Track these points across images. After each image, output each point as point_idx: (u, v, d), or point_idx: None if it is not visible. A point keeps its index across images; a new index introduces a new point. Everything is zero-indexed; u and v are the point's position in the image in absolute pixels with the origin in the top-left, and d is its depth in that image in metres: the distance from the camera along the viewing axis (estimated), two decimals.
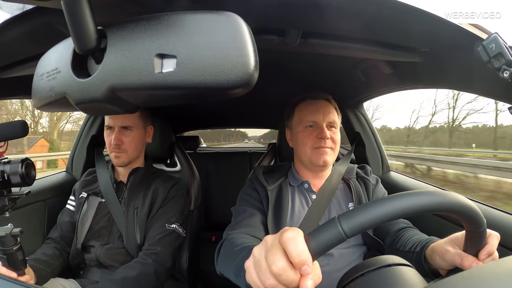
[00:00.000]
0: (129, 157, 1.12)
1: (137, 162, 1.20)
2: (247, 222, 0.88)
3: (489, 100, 21.24)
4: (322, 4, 0.56)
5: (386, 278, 0.43)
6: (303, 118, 0.99)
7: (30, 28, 0.59)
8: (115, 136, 1.08)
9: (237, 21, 0.31)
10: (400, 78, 1.08)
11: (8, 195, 0.74)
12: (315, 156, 0.95)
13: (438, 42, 0.72)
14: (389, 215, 0.38)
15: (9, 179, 0.72)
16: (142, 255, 1.04)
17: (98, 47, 0.35)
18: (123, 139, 1.09)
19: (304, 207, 0.96)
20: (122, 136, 1.09)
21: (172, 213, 1.14)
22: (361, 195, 0.97)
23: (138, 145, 1.15)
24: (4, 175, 0.71)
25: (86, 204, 1.15)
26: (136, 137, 1.13)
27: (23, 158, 0.74)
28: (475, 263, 0.51)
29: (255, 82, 0.32)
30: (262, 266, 0.40)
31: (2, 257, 0.74)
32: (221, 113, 2.26)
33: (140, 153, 1.20)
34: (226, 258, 0.73)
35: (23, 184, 0.73)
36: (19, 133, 0.74)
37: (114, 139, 1.07)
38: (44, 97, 0.40)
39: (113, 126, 1.10)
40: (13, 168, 0.72)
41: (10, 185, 0.73)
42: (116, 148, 1.09)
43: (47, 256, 1.04)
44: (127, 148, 1.10)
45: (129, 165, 1.17)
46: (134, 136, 1.12)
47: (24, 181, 0.73)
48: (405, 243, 0.79)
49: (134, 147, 1.13)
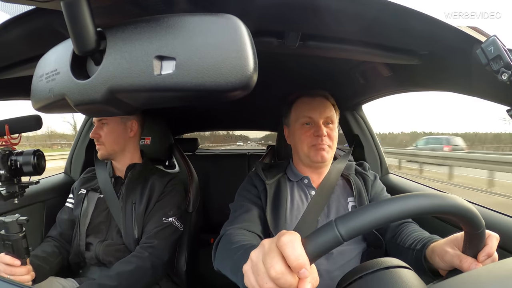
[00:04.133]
0: (108, 149, 1.15)
1: (130, 157, 1.21)
2: (244, 217, 0.88)
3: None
4: (321, 6, 0.56)
5: (385, 281, 0.43)
6: (300, 115, 0.99)
7: (29, 29, 0.59)
8: (93, 129, 1.14)
9: (236, 23, 0.32)
10: (399, 80, 1.08)
11: (18, 183, 0.80)
12: (313, 152, 0.95)
13: (436, 44, 0.72)
14: (386, 218, 0.38)
15: (21, 168, 0.78)
16: (139, 249, 1.04)
17: (98, 49, 0.35)
18: (100, 132, 1.14)
19: (304, 202, 0.97)
20: (100, 129, 1.14)
21: (169, 207, 1.14)
22: (361, 190, 0.97)
23: (118, 139, 1.16)
24: (17, 164, 0.78)
25: (86, 200, 1.16)
26: (113, 130, 1.15)
27: (34, 150, 0.80)
28: (474, 264, 0.51)
29: (254, 84, 0.32)
30: (260, 270, 0.40)
31: (7, 243, 0.78)
32: (219, 115, 2.26)
33: (124, 148, 1.19)
34: (224, 255, 0.74)
35: (34, 173, 0.80)
36: (34, 127, 0.81)
37: (92, 132, 1.14)
38: (43, 99, 0.40)
39: (94, 121, 1.17)
40: (26, 158, 0.78)
41: (22, 174, 0.80)
42: (96, 141, 1.15)
43: (46, 253, 1.04)
44: (104, 141, 1.14)
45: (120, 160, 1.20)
46: (110, 130, 1.15)
47: (36, 170, 0.79)
48: (405, 239, 0.79)
49: (112, 141, 1.15)
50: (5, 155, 0.77)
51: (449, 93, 0.90)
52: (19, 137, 0.83)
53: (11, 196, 0.78)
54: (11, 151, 0.79)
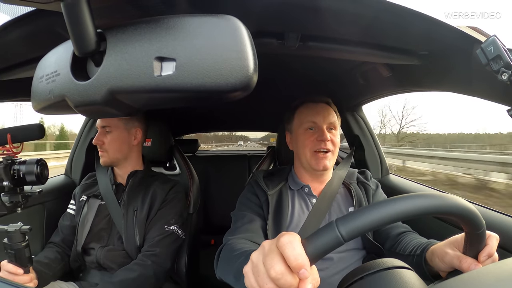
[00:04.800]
0: (110, 157, 1.13)
1: (132, 165, 1.20)
2: (246, 227, 0.88)
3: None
4: (320, 7, 0.56)
5: (386, 281, 0.42)
6: (303, 120, 0.99)
7: (30, 31, 0.59)
8: (96, 135, 1.13)
9: (236, 24, 0.32)
10: (398, 81, 1.08)
11: (21, 192, 0.79)
12: (315, 160, 0.94)
13: (436, 45, 0.72)
14: (387, 219, 0.38)
15: (24, 177, 0.77)
16: (141, 257, 1.04)
17: (98, 50, 0.35)
18: (103, 139, 1.12)
19: (304, 211, 0.96)
20: (103, 136, 1.12)
21: (171, 215, 1.14)
22: (361, 200, 0.96)
23: (121, 147, 1.15)
24: (20, 174, 0.77)
25: (86, 206, 1.15)
26: (117, 138, 1.13)
27: (38, 158, 0.79)
28: (473, 265, 0.51)
29: (254, 85, 0.32)
30: (260, 271, 0.40)
31: (10, 252, 0.77)
32: (220, 116, 2.26)
33: (127, 155, 1.18)
34: (225, 263, 0.73)
35: (37, 183, 0.78)
36: (36, 135, 0.80)
37: (95, 138, 1.12)
38: (43, 100, 0.40)
39: (97, 126, 1.14)
40: (29, 168, 0.77)
41: (24, 183, 0.78)
42: (99, 148, 1.13)
43: (48, 259, 1.04)
44: (107, 148, 1.12)
45: (122, 167, 1.18)
46: (114, 137, 1.13)
47: (39, 180, 0.78)
48: (405, 247, 0.79)
49: (115, 148, 1.13)
50: (8, 164, 0.76)
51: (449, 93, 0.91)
52: (21, 145, 0.82)
53: (14, 206, 0.77)
54: (14, 160, 0.77)
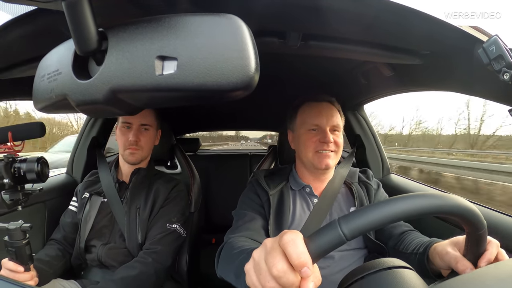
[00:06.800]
0: (143, 154, 1.16)
1: (145, 163, 1.22)
2: (247, 226, 0.88)
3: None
4: (322, 7, 0.56)
5: (387, 281, 0.42)
6: (306, 120, 0.98)
7: (31, 30, 0.59)
8: (134, 132, 1.11)
9: (238, 23, 0.31)
10: (400, 80, 1.07)
11: (22, 190, 0.79)
12: (317, 159, 0.94)
13: (438, 44, 0.72)
14: (389, 218, 0.38)
15: (24, 175, 0.78)
16: (142, 254, 1.04)
17: (99, 49, 0.35)
18: (141, 137, 1.13)
19: (305, 211, 0.96)
20: (140, 134, 1.13)
21: (173, 213, 1.14)
22: (363, 200, 0.96)
23: (151, 146, 1.20)
24: (21, 172, 0.77)
25: (89, 203, 1.15)
26: (152, 136, 1.18)
27: (38, 157, 0.79)
28: (469, 269, 0.51)
29: (256, 85, 0.32)
30: (262, 269, 0.39)
31: (11, 250, 0.77)
32: (221, 115, 2.26)
33: (149, 154, 1.23)
34: (226, 261, 0.73)
35: (37, 181, 0.79)
36: (37, 134, 0.81)
37: (133, 135, 1.11)
38: (45, 99, 0.40)
39: (132, 123, 1.13)
40: (29, 166, 0.78)
41: (25, 181, 0.79)
42: (134, 145, 1.12)
43: (49, 257, 1.04)
44: (143, 145, 1.14)
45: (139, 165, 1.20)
46: (150, 135, 1.17)
47: (39, 178, 0.79)
48: (407, 245, 0.79)
49: (150, 146, 1.18)
50: (9, 162, 0.76)
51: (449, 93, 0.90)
52: (22, 144, 0.82)
53: (15, 203, 0.77)
54: (14, 158, 0.78)
